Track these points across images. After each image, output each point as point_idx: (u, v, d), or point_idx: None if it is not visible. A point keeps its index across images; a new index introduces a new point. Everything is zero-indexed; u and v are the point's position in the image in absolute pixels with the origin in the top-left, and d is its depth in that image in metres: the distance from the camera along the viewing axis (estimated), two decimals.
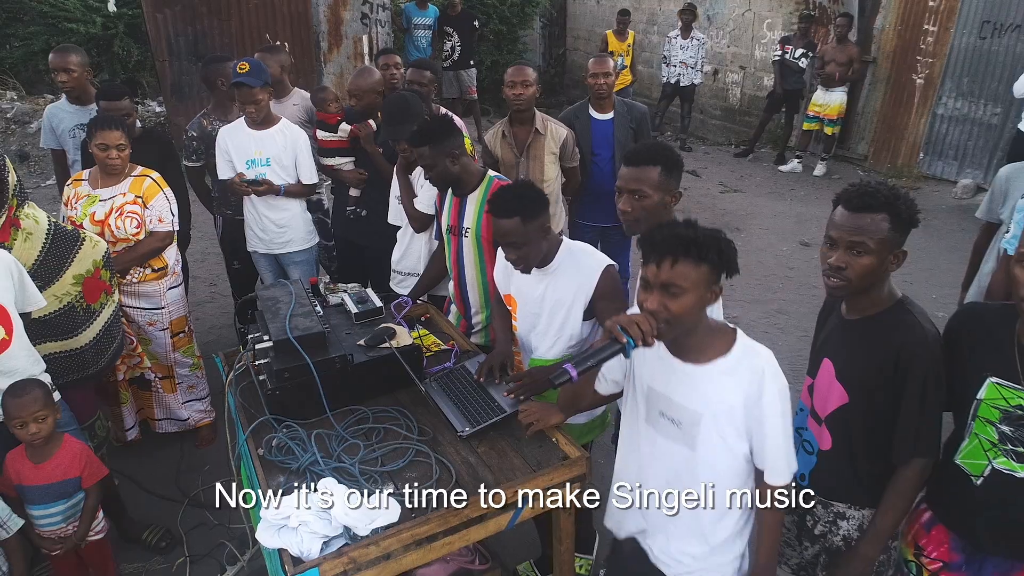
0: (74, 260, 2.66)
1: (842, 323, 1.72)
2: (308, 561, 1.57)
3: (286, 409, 2.03)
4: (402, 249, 3.12)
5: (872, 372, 1.62)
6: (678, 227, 1.50)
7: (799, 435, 1.81)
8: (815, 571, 1.84)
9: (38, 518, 2.23)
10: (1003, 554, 1.60)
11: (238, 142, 3.37)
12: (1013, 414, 1.51)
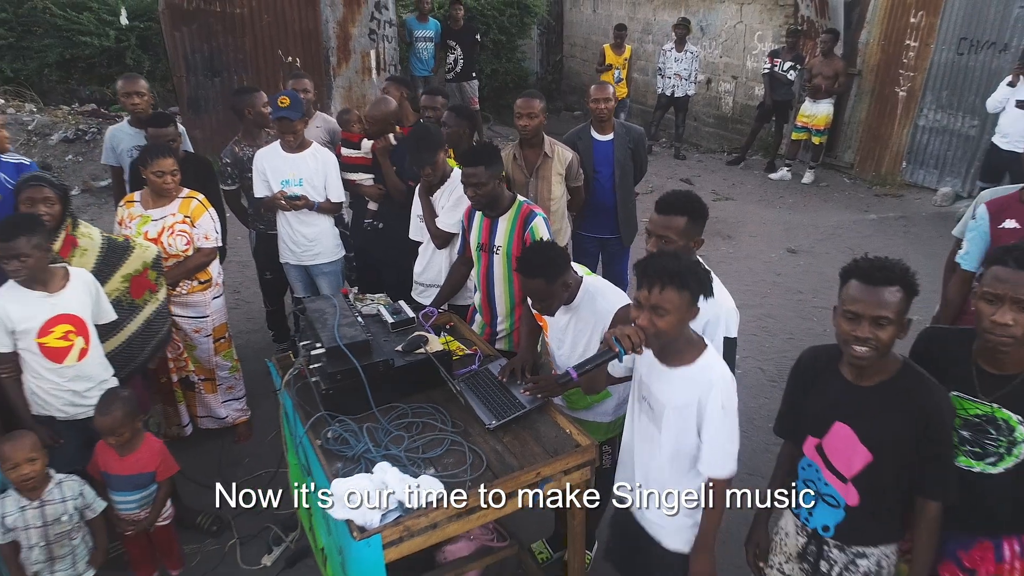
0: (123, 265, 3.02)
1: (856, 390, 1.84)
2: (371, 529, 1.93)
3: (338, 406, 2.38)
4: (424, 262, 3.47)
5: (902, 433, 1.76)
6: (666, 259, 1.86)
7: (815, 487, 1.94)
8: None
9: (118, 503, 2.58)
10: (962, 529, 1.93)
11: (274, 164, 3.72)
12: (971, 421, 1.82)
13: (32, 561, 2.48)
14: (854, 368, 1.82)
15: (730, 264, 5.77)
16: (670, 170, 8.44)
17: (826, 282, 5.41)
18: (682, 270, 1.83)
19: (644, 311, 1.85)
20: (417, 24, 8.40)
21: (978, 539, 1.86)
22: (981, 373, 1.78)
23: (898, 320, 1.71)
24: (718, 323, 2.29)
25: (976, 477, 1.79)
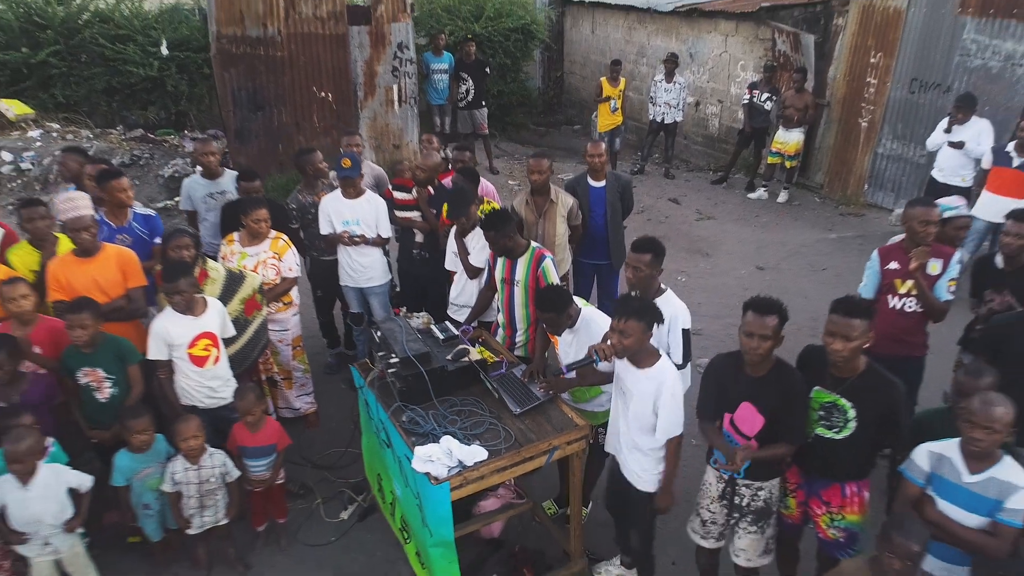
0: (240, 290, 4.06)
1: (753, 379, 2.82)
2: (442, 478, 2.97)
3: (409, 399, 3.42)
4: (459, 288, 4.51)
5: (778, 404, 2.77)
6: (632, 300, 2.91)
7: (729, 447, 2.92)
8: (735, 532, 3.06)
9: (251, 467, 3.63)
10: (822, 477, 2.97)
11: (337, 208, 4.75)
12: (825, 405, 2.84)
13: (188, 508, 3.52)
14: (750, 365, 2.84)
15: (707, 279, 6.82)
16: (660, 189, 9.47)
17: (786, 296, 6.42)
18: (641, 308, 2.88)
19: (615, 333, 2.89)
20: (433, 58, 9.42)
21: (831, 483, 2.91)
22: (832, 376, 2.83)
23: (774, 336, 2.76)
24: (676, 319, 3.42)
25: (828, 442, 2.83)
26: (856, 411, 2.76)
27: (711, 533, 3.13)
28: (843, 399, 2.79)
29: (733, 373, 2.89)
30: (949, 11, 7.43)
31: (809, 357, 2.96)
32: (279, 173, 8.56)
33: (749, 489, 2.95)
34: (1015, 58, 6.90)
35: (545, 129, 14.59)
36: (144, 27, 10.19)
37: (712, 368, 3.02)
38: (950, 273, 3.70)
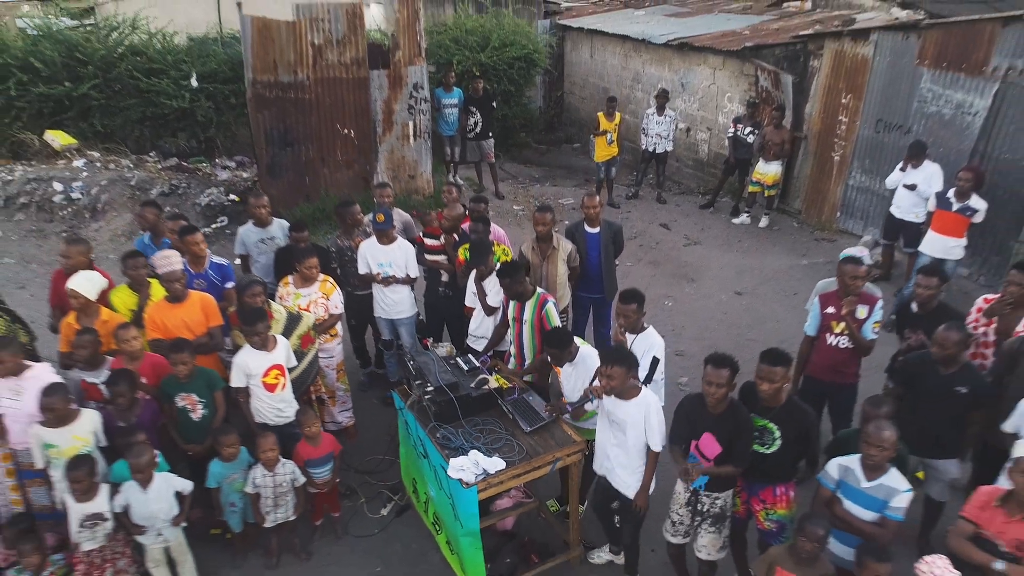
0: (298, 328, 4.97)
1: (714, 416, 3.65)
2: (471, 483, 3.88)
3: (442, 419, 4.33)
4: (477, 322, 5.42)
5: (731, 436, 3.65)
6: (616, 349, 3.81)
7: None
8: (697, 533, 3.92)
9: (316, 474, 4.54)
10: (759, 481, 3.87)
11: (373, 253, 5.65)
12: (759, 428, 3.75)
13: (265, 506, 4.44)
14: (710, 405, 3.74)
15: (691, 304, 7.73)
16: (652, 214, 10.38)
17: (760, 320, 7.37)
18: (621, 356, 3.78)
19: (604, 377, 3.79)
20: (444, 94, 10.32)
21: (766, 486, 3.83)
22: (762, 406, 3.74)
23: (728, 384, 3.64)
24: (651, 350, 4.33)
25: (762, 455, 3.75)
26: (780, 432, 3.67)
27: (679, 532, 4.04)
28: (771, 423, 3.70)
29: (698, 410, 3.77)
30: (909, 61, 8.33)
31: (747, 391, 3.87)
32: (306, 203, 9.47)
33: (709, 498, 3.85)
34: (964, 107, 7.80)
35: (546, 147, 15.49)
36: (176, 61, 11.07)
37: (682, 406, 3.90)
38: (874, 317, 4.61)
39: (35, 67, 10.57)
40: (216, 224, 9.49)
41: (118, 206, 9.55)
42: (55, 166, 10.33)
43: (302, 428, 4.55)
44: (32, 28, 11.70)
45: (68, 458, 3.96)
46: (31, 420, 4.10)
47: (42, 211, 9.56)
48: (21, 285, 8.16)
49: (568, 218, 10.20)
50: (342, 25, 8.71)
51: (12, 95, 10.48)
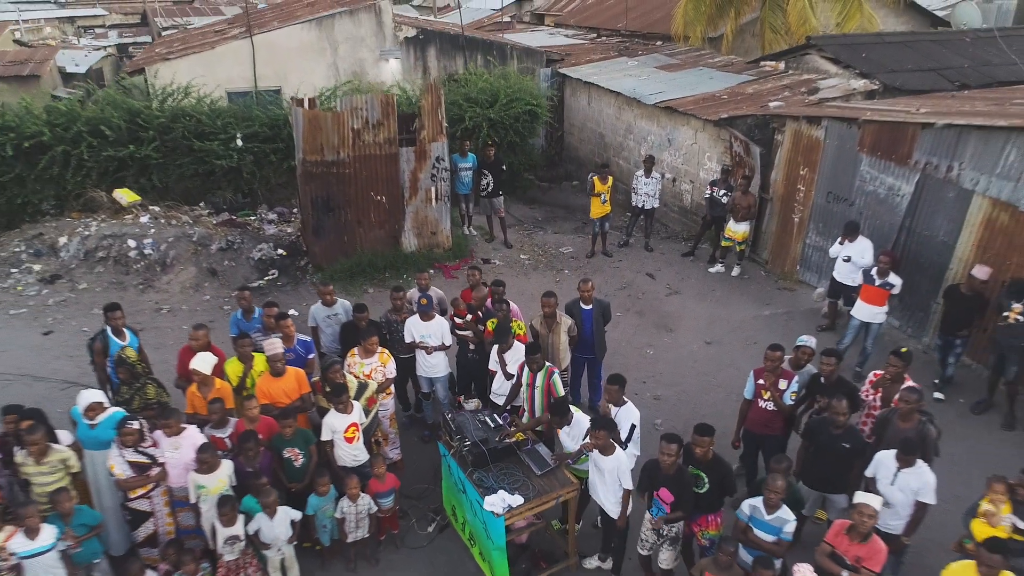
0: (366, 392, 6.72)
1: (667, 475, 5.35)
2: (499, 513, 5.63)
3: (476, 465, 6.08)
4: (498, 384, 7.14)
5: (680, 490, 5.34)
6: (600, 420, 5.57)
7: (657, 506, 5.50)
8: (659, 549, 5.67)
9: (383, 503, 6.30)
10: (697, 511, 5.61)
11: (417, 327, 7.38)
12: (695, 475, 5.53)
13: (348, 527, 6.19)
14: (664, 468, 5.47)
15: (668, 352, 9.48)
16: (640, 263, 12.12)
17: (725, 367, 9.10)
18: (606, 424, 5.53)
19: (594, 438, 5.53)
20: (460, 159, 12.06)
21: (701, 515, 5.59)
22: (696, 460, 5.50)
23: (676, 455, 5.37)
24: (631, 418, 6.02)
25: (698, 495, 5.50)
26: (708, 479, 5.42)
27: (645, 547, 5.79)
28: (702, 473, 5.45)
29: (656, 470, 5.49)
30: (852, 146, 10.05)
31: (687, 451, 5.60)
32: (344, 258, 11.21)
33: (667, 526, 5.61)
34: (894, 189, 9.53)
35: (548, 184, 17.21)
36: (224, 125, 12.80)
37: (646, 467, 5.58)
38: (792, 388, 6.35)
39: (103, 132, 12.27)
40: (268, 276, 11.23)
41: (184, 260, 11.28)
42: (124, 221, 12.04)
43: (373, 470, 6.31)
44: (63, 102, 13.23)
45: (215, 495, 5.71)
46: (187, 468, 5.84)
47: (119, 264, 11.28)
48: None
49: (566, 266, 12.01)
50: (377, 112, 10.42)
51: (84, 157, 12.20)
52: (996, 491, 5.03)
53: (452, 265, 11.64)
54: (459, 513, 6.48)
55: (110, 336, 7.00)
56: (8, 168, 12.06)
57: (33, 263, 11.45)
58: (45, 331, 10.00)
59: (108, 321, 7.01)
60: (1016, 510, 5.03)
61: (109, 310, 7.05)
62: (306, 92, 15.34)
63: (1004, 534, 4.89)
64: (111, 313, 7.02)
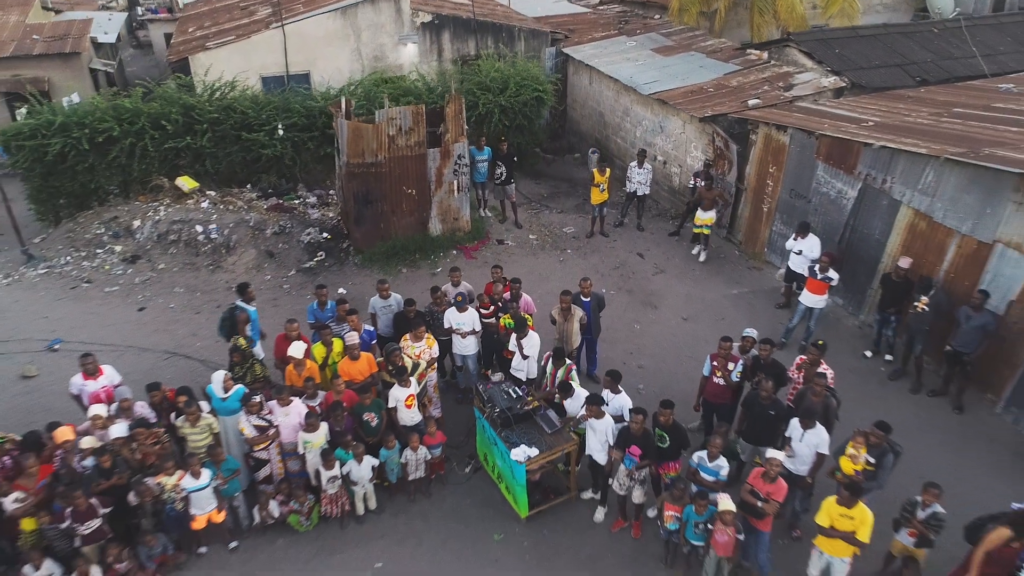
0: (417, 370, 9.04)
1: (636, 436, 7.62)
2: (522, 461, 8.01)
3: (504, 426, 8.43)
4: (517, 362, 9.42)
5: (646, 445, 7.69)
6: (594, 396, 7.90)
7: (630, 459, 7.89)
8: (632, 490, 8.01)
9: (434, 453, 8.69)
10: (660, 459, 7.98)
11: (454, 317, 9.62)
12: (659, 435, 7.87)
13: (411, 470, 8.59)
14: (634, 431, 7.78)
15: (651, 327, 11.75)
16: (632, 243, 14.27)
17: (698, 341, 11.37)
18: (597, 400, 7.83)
19: (588, 409, 7.84)
20: (476, 152, 14.04)
21: (665, 462, 7.98)
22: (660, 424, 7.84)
23: (642, 422, 7.69)
24: (623, 405, 8.33)
25: (662, 448, 7.87)
26: (669, 438, 7.78)
27: (622, 489, 8.19)
28: (665, 433, 7.81)
29: (629, 433, 7.83)
30: (810, 153, 12.07)
31: (653, 417, 7.92)
32: (381, 243, 13.35)
33: (639, 472, 7.99)
34: (842, 194, 11.61)
35: (552, 157, 19.15)
36: (268, 118, 14.70)
37: (621, 432, 7.91)
38: (738, 369, 8.64)
39: (164, 126, 14.21)
40: (317, 258, 13.39)
41: (245, 243, 13.42)
42: (187, 206, 14.11)
43: (428, 428, 8.67)
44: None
45: (318, 448, 8.08)
46: (295, 429, 8.18)
47: (189, 247, 13.42)
48: (197, 311, 12.14)
49: (569, 246, 14.14)
50: (409, 120, 12.36)
51: (148, 148, 14.17)
52: (858, 439, 7.39)
53: (471, 246, 13.79)
54: (490, 459, 8.89)
55: (247, 307, 9.54)
56: (83, 158, 14.04)
57: (114, 244, 13.59)
58: (139, 307, 12.24)
59: (246, 298, 9.64)
60: (869, 451, 7.39)
61: (243, 289, 9.72)
62: (332, 76, 17.26)
63: (860, 467, 7.28)
64: (248, 290, 9.71)
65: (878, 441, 7.45)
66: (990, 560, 6.56)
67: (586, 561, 8.06)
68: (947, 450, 9.33)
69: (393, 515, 8.62)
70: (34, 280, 12.98)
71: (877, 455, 7.47)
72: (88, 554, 7.48)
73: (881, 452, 7.48)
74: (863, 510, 6.75)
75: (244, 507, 8.32)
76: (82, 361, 8.48)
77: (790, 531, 8.22)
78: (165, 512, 7.77)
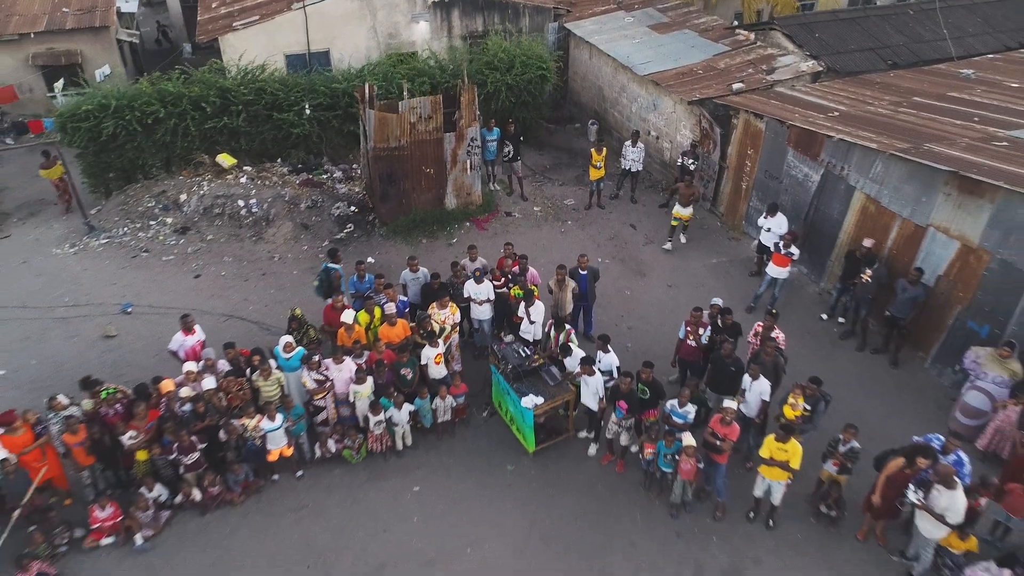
0: (444, 333, 11.09)
1: (624, 392, 9.68)
2: (531, 407, 10.10)
3: (515, 380, 10.49)
4: (525, 327, 11.43)
5: (631, 401, 9.88)
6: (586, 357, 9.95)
7: (619, 412, 9.94)
8: (620, 434, 10.10)
9: (459, 400, 10.80)
10: (642, 409, 10.08)
11: (472, 288, 11.60)
12: (641, 391, 9.95)
13: (440, 414, 10.71)
14: (623, 389, 9.83)
15: (640, 294, 13.74)
16: (626, 214, 16.14)
17: (679, 307, 13.37)
18: (589, 360, 9.89)
19: (582, 367, 9.90)
20: (487, 133, 15.79)
21: (646, 410, 10.07)
22: (642, 380, 9.91)
23: (628, 386, 9.73)
24: (612, 362, 10.42)
25: (642, 400, 9.96)
26: (649, 391, 9.84)
27: (611, 433, 10.29)
28: (646, 388, 9.87)
29: (618, 389, 9.87)
30: (782, 140, 13.85)
31: (636, 375, 9.97)
32: (403, 216, 15.23)
33: (627, 421, 10.08)
34: (808, 177, 13.44)
35: (554, 127, 20.81)
36: (298, 99, 16.38)
37: (610, 389, 9.98)
38: (707, 333, 10.67)
39: (203, 107, 15.91)
40: (347, 230, 15.29)
41: (282, 216, 15.29)
42: (227, 181, 15.92)
43: (452, 381, 10.74)
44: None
45: (366, 397, 10.17)
46: (347, 382, 10.25)
47: (232, 219, 15.29)
48: (245, 278, 14.10)
49: (569, 217, 16.01)
50: (428, 109, 14.10)
51: (190, 128, 15.90)
52: (796, 391, 9.47)
53: (483, 219, 15.67)
54: (503, 406, 10.99)
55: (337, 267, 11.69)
56: (132, 138, 15.79)
57: (165, 216, 15.46)
58: (195, 275, 14.20)
59: (335, 260, 11.72)
60: (806, 400, 9.47)
61: (333, 253, 11.89)
62: (350, 53, 18.84)
63: (799, 413, 9.38)
64: (337, 254, 11.87)
65: (812, 392, 9.53)
66: (889, 483, 8.71)
67: (582, 486, 10.23)
68: (883, 398, 11.42)
69: (426, 451, 10.76)
70: (98, 250, 14.91)
71: (812, 403, 9.56)
72: (190, 479, 9.64)
73: (815, 401, 9.57)
74: (795, 445, 8.86)
75: (307, 444, 10.45)
76: (183, 320, 10.53)
77: (745, 463, 10.37)
78: (247, 447, 9.90)
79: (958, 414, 10.49)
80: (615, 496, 10.06)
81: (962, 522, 8.17)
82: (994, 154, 11.16)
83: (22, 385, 11.60)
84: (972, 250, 10.80)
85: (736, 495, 9.76)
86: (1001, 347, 10.14)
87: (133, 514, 9.31)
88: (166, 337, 10.99)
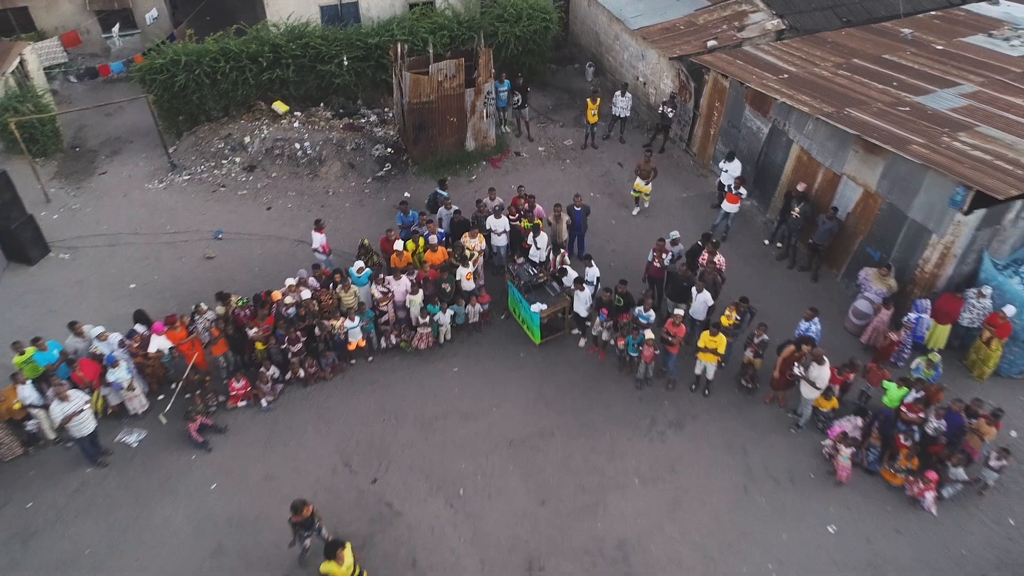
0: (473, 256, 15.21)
1: (604, 301, 14.06)
2: (537, 311, 14.28)
3: (527, 292, 14.64)
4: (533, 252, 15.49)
5: (610, 308, 14.07)
6: (579, 277, 14.09)
7: (601, 317, 14.24)
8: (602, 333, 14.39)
9: (484, 307, 15.01)
10: (619, 313, 14.28)
11: (492, 222, 15.60)
12: (617, 300, 14.11)
13: (470, 317, 14.94)
14: (605, 301, 14.01)
15: (622, 223, 17.68)
16: (615, 153, 19.89)
17: (654, 234, 17.34)
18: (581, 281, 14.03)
19: (576, 285, 14.03)
20: (499, 84, 19.33)
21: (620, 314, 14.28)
22: (618, 292, 14.09)
23: (611, 300, 13.93)
24: (595, 274, 14.58)
25: (618, 307, 14.15)
26: (623, 301, 13.99)
27: (594, 331, 14.52)
28: (621, 298, 14.02)
29: (600, 301, 14.04)
30: (741, 98, 17.46)
31: (614, 289, 14.11)
32: (431, 157, 19.00)
33: (607, 322, 14.26)
34: (760, 129, 17.15)
35: (556, 67, 24.14)
36: (337, 52, 19.81)
37: (596, 299, 14.13)
38: (669, 257, 14.73)
39: (259, 61, 19.38)
40: (385, 169, 19.06)
41: (331, 157, 19.02)
42: (282, 125, 19.56)
43: (480, 293, 14.89)
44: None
45: (418, 304, 14.35)
46: (404, 293, 14.40)
47: (290, 160, 19.04)
48: (308, 210, 18.01)
49: (568, 156, 19.80)
50: (454, 70, 17.64)
51: (249, 79, 19.41)
52: (731, 307, 13.64)
53: (497, 158, 19.43)
54: (517, 311, 15.19)
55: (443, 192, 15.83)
56: (198, 88, 19.31)
57: (234, 156, 19.19)
58: (267, 207, 18.11)
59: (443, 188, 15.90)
60: (738, 313, 13.65)
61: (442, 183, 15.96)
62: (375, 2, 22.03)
63: (732, 322, 13.57)
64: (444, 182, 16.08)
65: (743, 308, 13.71)
66: (784, 364, 13.01)
67: (573, 368, 14.55)
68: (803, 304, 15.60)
69: (460, 343, 15.03)
70: (183, 185, 18.74)
71: (741, 315, 13.74)
72: (295, 362, 13.94)
73: (743, 313, 13.76)
74: (721, 338, 13.10)
75: (376, 338, 14.71)
76: (316, 223, 14.80)
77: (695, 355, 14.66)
78: (334, 340, 14.15)
79: (851, 316, 14.73)
80: (597, 374, 14.39)
81: (826, 387, 12.52)
82: (895, 119, 14.90)
83: (152, 295, 15.70)
84: (871, 195, 14.73)
85: (682, 375, 14.10)
86: (882, 268, 14.25)
87: (258, 386, 13.64)
88: (255, 258, 15.14)
